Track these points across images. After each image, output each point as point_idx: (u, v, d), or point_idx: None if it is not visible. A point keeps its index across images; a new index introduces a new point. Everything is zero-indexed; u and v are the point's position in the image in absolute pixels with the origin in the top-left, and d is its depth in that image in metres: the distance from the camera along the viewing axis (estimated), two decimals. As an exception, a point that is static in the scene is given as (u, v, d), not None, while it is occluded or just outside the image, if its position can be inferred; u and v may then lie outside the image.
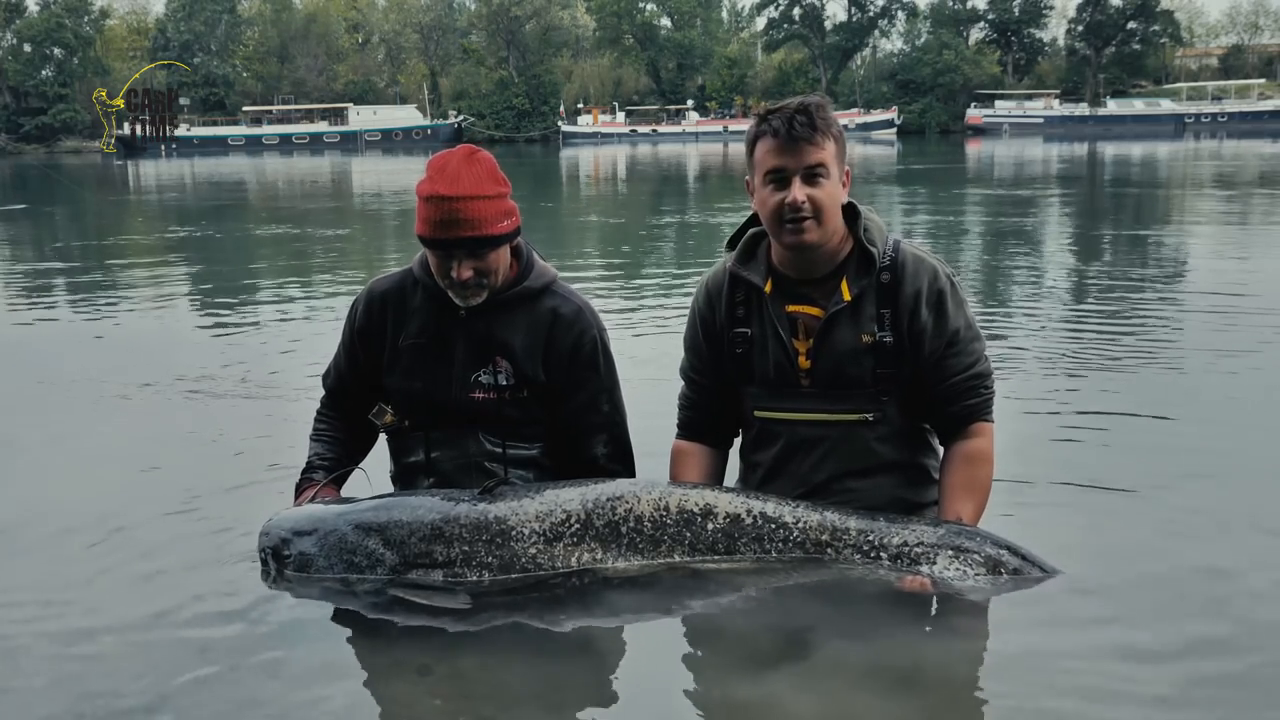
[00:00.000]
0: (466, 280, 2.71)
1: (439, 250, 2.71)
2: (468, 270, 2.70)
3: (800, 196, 2.53)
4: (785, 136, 2.53)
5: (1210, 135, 55.39)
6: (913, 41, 79.97)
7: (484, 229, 2.67)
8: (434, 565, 2.61)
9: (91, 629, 2.64)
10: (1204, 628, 2.54)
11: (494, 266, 2.75)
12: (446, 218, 2.64)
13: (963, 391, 2.68)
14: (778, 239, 2.64)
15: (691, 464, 2.89)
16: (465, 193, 2.65)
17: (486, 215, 2.67)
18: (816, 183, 2.55)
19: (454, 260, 2.69)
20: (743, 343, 2.74)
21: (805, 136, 2.52)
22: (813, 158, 2.54)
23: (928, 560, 2.56)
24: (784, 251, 2.67)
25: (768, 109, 2.61)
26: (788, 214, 2.55)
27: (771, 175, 2.57)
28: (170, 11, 79.34)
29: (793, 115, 2.54)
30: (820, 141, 2.54)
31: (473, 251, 2.69)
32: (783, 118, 2.54)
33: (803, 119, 2.53)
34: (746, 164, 2.69)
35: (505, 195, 2.73)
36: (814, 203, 2.54)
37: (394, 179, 30.43)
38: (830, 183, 2.57)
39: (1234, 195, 18.95)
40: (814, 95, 2.65)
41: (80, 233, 17.45)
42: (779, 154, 2.55)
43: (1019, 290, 8.71)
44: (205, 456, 4.30)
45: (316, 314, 7.95)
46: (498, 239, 2.71)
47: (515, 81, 79.54)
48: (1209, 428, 4.39)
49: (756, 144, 2.61)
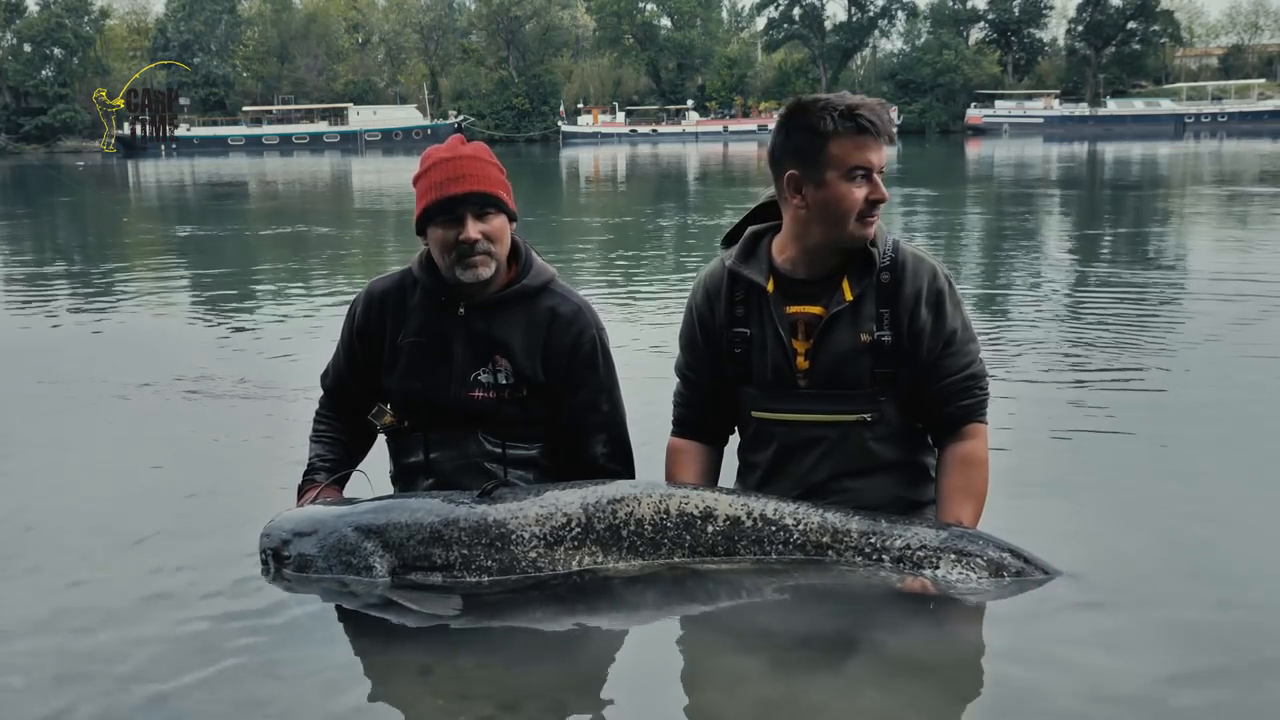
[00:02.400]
0: (475, 241, 2.71)
1: (446, 213, 2.71)
2: (475, 230, 2.71)
3: (886, 193, 2.59)
4: (876, 133, 2.54)
5: (1210, 135, 55.41)
6: (913, 41, 80.00)
7: (488, 186, 2.73)
8: (433, 568, 2.60)
9: (91, 629, 2.64)
10: (1205, 628, 2.53)
11: (498, 235, 2.76)
12: (454, 174, 2.70)
13: (957, 392, 2.68)
14: (850, 233, 2.58)
15: (687, 462, 2.88)
16: (468, 154, 2.76)
17: (490, 175, 2.75)
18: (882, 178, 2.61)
19: (461, 222, 2.70)
20: (742, 343, 2.73)
21: (888, 134, 2.57)
22: (884, 156, 2.61)
23: (930, 564, 2.56)
24: (802, 251, 2.64)
25: (846, 104, 2.53)
26: (870, 210, 2.57)
27: (860, 170, 2.55)
28: (170, 11, 79.36)
29: (878, 114, 2.55)
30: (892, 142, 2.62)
31: (481, 209, 2.72)
32: (874, 115, 2.53)
33: (888, 118, 2.59)
34: (800, 158, 2.57)
35: (503, 172, 2.80)
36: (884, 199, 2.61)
37: (394, 179, 30.43)
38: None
39: (1234, 195, 18.95)
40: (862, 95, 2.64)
41: (80, 232, 17.45)
42: (870, 150, 2.54)
43: (1018, 290, 8.70)
44: (205, 456, 4.29)
45: (316, 314, 7.94)
46: (500, 202, 2.76)
47: (515, 81, 79.55)
48: (1209, 427, 4.39)
49: (837, 139, 2.52)
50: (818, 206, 2.58)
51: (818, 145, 2.54)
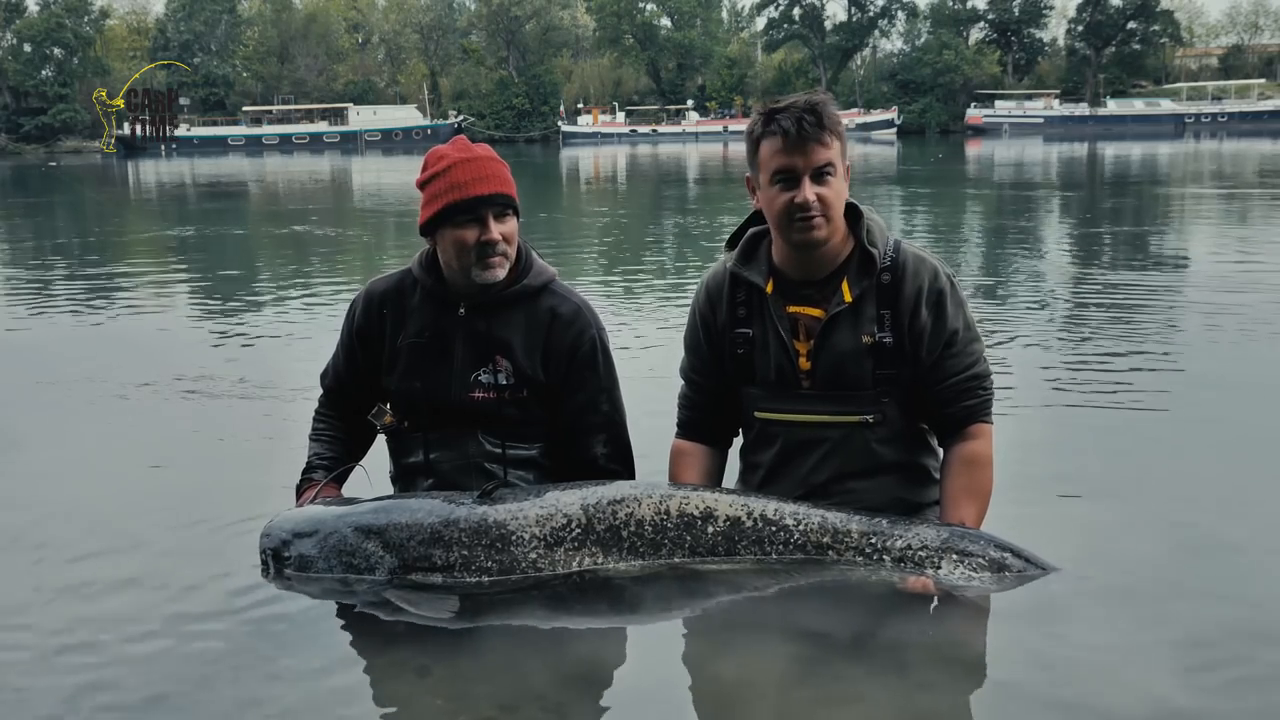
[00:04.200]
0: (498, 241, 2.71)
1: (469, 214, 2.70)
2: (498, 231, 2.71)
3: (811, 196, 2.51)
4: (795, 136, 2.50)
5: (1210, 135, 55.40)
6: (913, 41, 79.99)
7: (508, 188, 2.76)
8: (433, 569, 2.60)
9: (91, 629, 2.63)
10: (1208, 628, 2.53)
11: (513, 236, 2.78)
12: (475, 175, 2.70)
13: (961, 392, 2.67)
14: (786, 238, 2.60)
15: (691, 464, 2.88)
16: (484, 155, 2.76)
17: (507, 176, 2.78)
18: (825, 181, 2.53)
19: (485, 223, 2.70)
20: (744, 343, 2.73)
21: (814, 136, 2.50)
22: (821, 157, 2.52)
23: (931, 564, 2.55)
24: (787, 251, 2.65)
25: (771, 107, 2.58)
26: (797, 213, 2.53)
27: (780, 175, 2.54)
28: (170, 11, 79.37)
29: (801, 114, 2.51)
30: (828, 140, 2.52)
31: (503, 210, 2.73)
32: (791, 117, 2.51)
33: (811, 118, 2.50)
34: (749, 162, 2.66)
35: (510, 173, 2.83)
36: (823, 201, 2.52)
37: (394, 179, 30.42)
38: (837, 180, 2.56)
39: (1234, 195, 18.94)
40: (818, 92, 2.62)
41: (80, 232, 17.44)
42: (788, 153, 2.52)
43: (1019, 290, 8.70)
44: (204, 456, 4.29)
45: (316, 314, 7.94)
46: (517, 204, 2.78)
47: (515, 81, 79.57)
48: (1210, 427, 4.39)
49: (762, 143, 2.57)
50: (765, 210, 2.63)
51: (751, 149, 2.63)
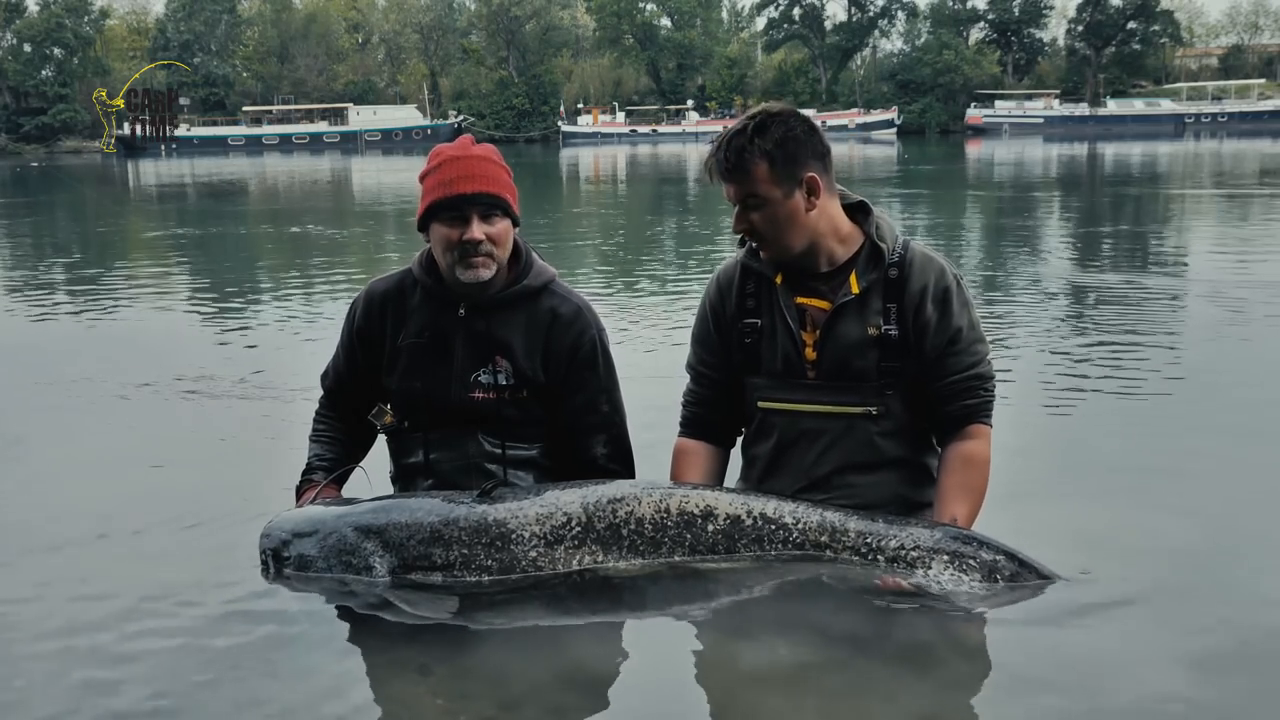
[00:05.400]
0: (479, 241, 2.71)
1: (453, 211, 2.71)
2: (480, 231, 2.71)
3: (735, 227, 2.70)
4: (717, 177, 2.66)
5: (1210, 135, 55.42)
6: (913, 41, 79.95)
7: (496, 188, 2.74)
8: (433, 568, 2.61)
9: (91, 629, 2.64)
10: (1205, 632, 2.53)
11: (502, 238, 2.76)
12: (462, 173, 2.70)
13: (961, 391, 2.68)
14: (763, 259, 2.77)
15: (694, 463, 2.89)
16: (477, 155, 2.76)
17: (499, 177, 2.76)
18: (758, 210, 2.64)
19: (467, 222, 2.70)
20: (752, 333, 2.76)
21: (725, 176, 2.65)
22: (744, 189, 2.63)
23: (924, 564, 2.55)
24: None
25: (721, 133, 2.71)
26: (749, 239, 2.73)
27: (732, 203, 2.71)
28: (170, 11, 79.34)
29: (716, 153, 2.64)
30: (740, 176, 2.62)
31: (487, 210, 2.72)
32: (712, 158, 2.66)
33: (722, 157, 2.63)
34: None
35: (510, 175, 2.81)
36: (755, 228, 2.66)
37: (394, 178, 30.43)
38: (771, 207, 2.62)
39: (1234, 195, 18.95)
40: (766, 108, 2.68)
41: (80, 232, 17.45)
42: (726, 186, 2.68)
43: (1020, 290, 8.70)
44: (205, 456, 4.30)
45: (316, 314, 7.95)
46: (507, 205, 2.76)
47: (515, 81, 79.57)
48: (1210, 428, 4.39)
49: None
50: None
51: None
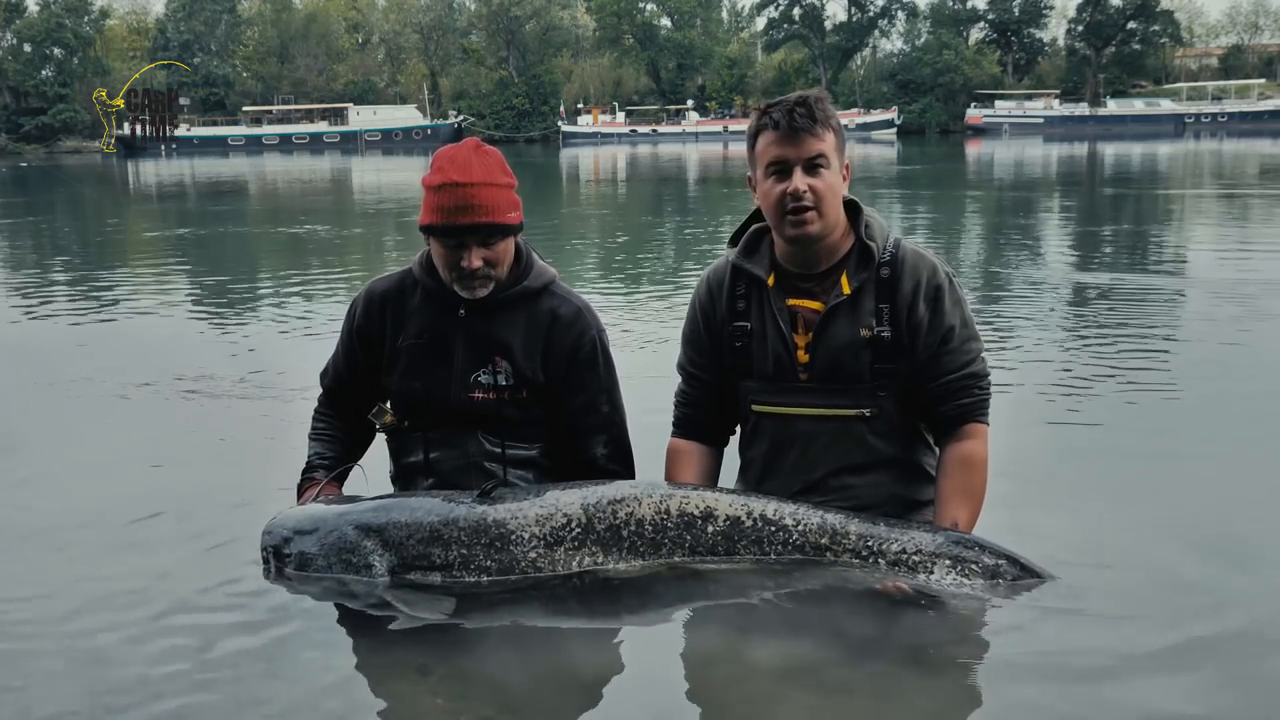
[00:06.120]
0: (477, 270, 2.70)
1: (450, 239, 2.70)
2: (478, 259, 2.70)
3: (802, 185, 2.56)
4: (786, 128, 2.57)
5: (1210, 135, 55.41)
6: (913, 41, 79.93)
7: (496, 216, 2.69)
8: (432, 568, 2.61)
9: (91, 629, 2.64)
10: (1204, 635, 2.52)
11: (502, 257, 2.75)
12: (460, 204, 2.66)
13: (956, 390, 2.68)
14: (779, 231, 2.66)
15: (688, 463, 2.89)
16: (478, 180, 2.68)
17: (498, 203, 2.70)
18: (817, 173, 2.58)
19: (465, 249, 2.69)
20: (742, 335, 2.75)
21: (805, 127, 2.56)
22: (813, 148, 2.57)
23: (925, 568, 2.54)
24: (786, 245, 2.69)
25: (767, 104, 2.66)
26: (789, 204, 2.58)
27: (774, 167, 2.60)
28: (170, 11, 79.32)
29: (793, 107, 2.58)
30: (820, 133, 2.58)
31: (485, 239, 2.70)
32: (783, 110, 2.59)
33: (802, 110, 2.57)
34: (748, 160, 2.72)
35: (513, 187, 2.77)
36: (815, 193, 2.57)
37: (394, 178, 30.42)
38: (831, 173, 2.60)
39: (1234, 195, 18.94)
40: (813, 89, 2.70)
41: (80, 232, 17.45)
42: (780, 145, 2.58)
43: (1018, 290, 8.69)
44: (205, 456, 4.30)
45: (316, 314, 7.94)
46: (508, 228, 2.73)
47: (515, 81, 79.54)
48: (1210, 428, 4.39)
49: (758, 137, 2.65)
50: (762, 204, 2.68)
51: (750, 146, 2.70)
